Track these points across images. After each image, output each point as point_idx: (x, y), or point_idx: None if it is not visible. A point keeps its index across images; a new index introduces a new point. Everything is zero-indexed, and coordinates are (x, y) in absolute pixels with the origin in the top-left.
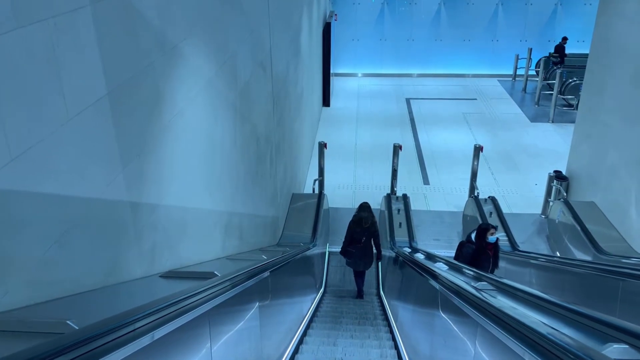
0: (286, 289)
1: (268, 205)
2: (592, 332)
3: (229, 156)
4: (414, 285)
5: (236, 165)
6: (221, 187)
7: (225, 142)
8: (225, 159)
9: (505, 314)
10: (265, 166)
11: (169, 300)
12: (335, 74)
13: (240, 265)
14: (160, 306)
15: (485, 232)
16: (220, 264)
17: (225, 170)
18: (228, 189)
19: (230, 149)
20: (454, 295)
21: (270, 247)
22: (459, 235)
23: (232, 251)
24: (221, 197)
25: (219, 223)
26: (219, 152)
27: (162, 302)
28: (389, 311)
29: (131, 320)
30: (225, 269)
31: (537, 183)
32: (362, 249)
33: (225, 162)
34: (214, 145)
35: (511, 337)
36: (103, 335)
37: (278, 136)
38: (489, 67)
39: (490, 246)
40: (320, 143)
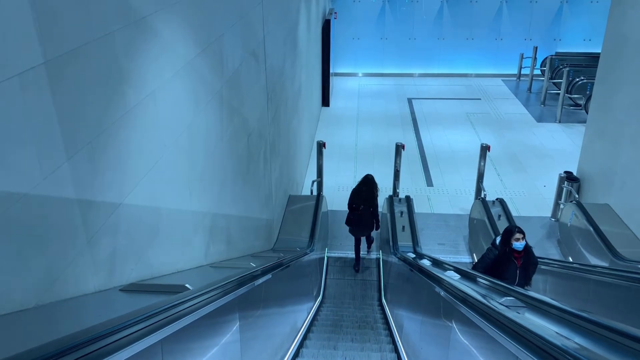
0: (278, 299)
1: (261, 207)
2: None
3: (214, 151)
4: (421, 295)
5: (223, 161)
6: (204, 185)
7: (209, 135)
8: (210, 153)
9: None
10: (258, 164)
11: (107, 328)
12: (335, 74)
13: (223, 274)
14: (87, 338)
15: (509, 235)
16: (199, 273)
17: (209, 166)
18: (213, 188)
19: (216, 143)
20: (474, 313)
21: (264, 252)
22: (464, 239)
23: (217, 258)
24: (204, 196)
25: (201, 226)
26: (201, 145)
27: (100, 328)
28: (392, 322)
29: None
30: (204, 279)
31: (546, 185)
32: (359, 217)
33: (210, 157)
34: (195, 137)
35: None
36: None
37: (273, 133)
38: (493, 67)
39: (518, 254)
40: (319, 142)
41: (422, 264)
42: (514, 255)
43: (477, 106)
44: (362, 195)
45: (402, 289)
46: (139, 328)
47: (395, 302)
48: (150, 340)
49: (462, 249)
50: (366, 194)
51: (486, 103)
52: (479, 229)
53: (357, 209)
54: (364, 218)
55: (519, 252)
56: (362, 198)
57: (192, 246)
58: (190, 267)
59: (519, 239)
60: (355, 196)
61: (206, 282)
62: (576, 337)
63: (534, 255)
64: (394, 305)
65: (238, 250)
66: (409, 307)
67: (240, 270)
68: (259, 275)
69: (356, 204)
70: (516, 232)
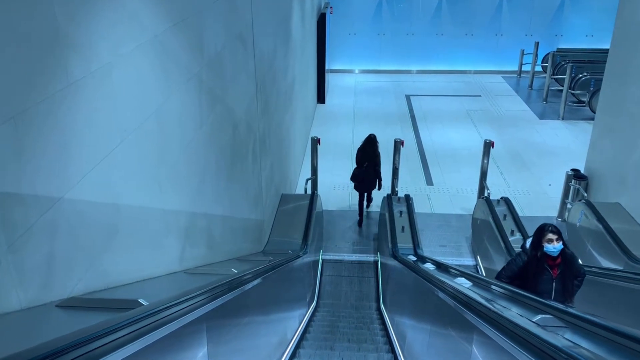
0: (264, 306)
1: (250, 206)
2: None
3: (191, 141)
4: (425, 303)
5: (203, 153)
6: (179, 179)
7: (185, 122)
8: (186, 143)
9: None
10: (245, 160)
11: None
12: (330, 70)
13: (199, 281)
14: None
15: (540, 235)
16: (168, 282)
17: (185, 158)
18: (190, 183)
19: (194, 132)
20: (500, 334)
21: (252, 255)
22: (467, 240)
23: (196, 262)
24: (179, 192)
25: (174, 226)
26: (174, 134)
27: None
28: (392, 331)
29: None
30: (173, 289)
31: (551, 183)
32: (363, 172)
33: (186, 148)
34: (166, 123)
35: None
36: None
37: (263, 127)
38: (493, 63)
39: (552, 261)
40: (313, 138)
41: (425, 268)
42: (548, 262)
43: (477, 103)
44: (366, 153)
45: (402, 295)
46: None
47: (395, 310)
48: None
49: (465, 251)
50: (370, 153)
51: (486, 100)
52: (483, 230)
53: (361, 166)
54: (367, 175)
55: (553, 258)
56: (366, 156)
57: (163, 249)
58: (160, 274)
59: (552, 241)
60: (360, 154)
61: (174, 292)
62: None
63: (578, 263)
64: (393, 312)
65: (222, 254)
66: (411, 316)
67: (218, 278)
68: (238, 285)
69: (361, 160)
70: (548, 232)
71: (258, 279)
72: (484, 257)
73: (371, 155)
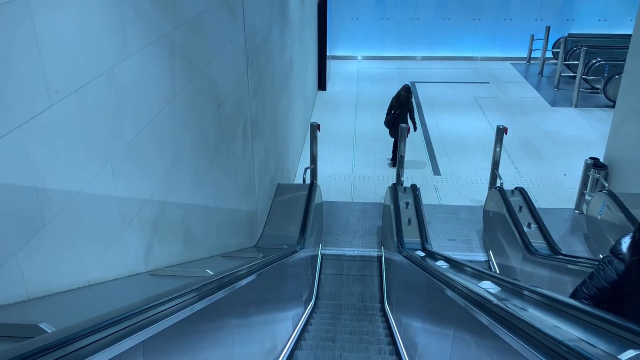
0: (250, 310)
1: (239, 196)
2: None
3: (159, 115)
4: (435, 304)
5: (178, 132)
6: (141, 161)
7: (150, 91)
8: (151, 117)
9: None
10: (233, 143)
11: None
12: (332, 57)
13: (165, 286)
14: None
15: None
16: (116, 290)
17: (149, 135)
18: (159, 166)
19: (163, 105)
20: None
21: (241, 251)
22: (478, 234)
23: (169, 261)
24: (142, 177)
25: (136, 218)
26: (135, 104)
27: None
28: (397, 333)
29: None
30: (118, 300)
31: (566, 173)
32: (394, 118)
33: (152, 124)
34: (121, 89)
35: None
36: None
37: (256, 108)
38: (501, 49)
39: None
40: (313, 124)
41: (437, 267)
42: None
43: (485, 90)
44: (401, 100)
45: (410, 296)
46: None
47: (401, 311)
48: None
49: (476, 245)
50: (405, 99)
51: (495, 87)
52: (497, 223)
53: (394, 111)
54: (398, 121)
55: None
56: (400, 102)
57: (120, 246)
58: (114, 277)
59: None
60: (395, 100)
61: (113, 307)
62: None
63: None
64: (399, 314)
65: (204, 250)
66: (422, 321)
67: (193, 280)
68: (209, 293)
69: (394, 108)
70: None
71: (241, 281)
72: (497, 252)
73: (405, 102)
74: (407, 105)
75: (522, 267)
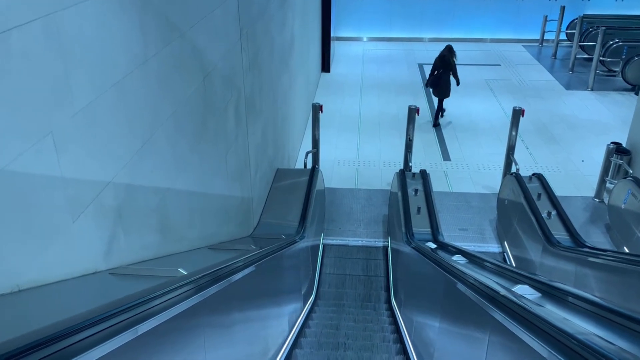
0: (237, 311)
1: (231, 180)
2: None
3: (125, 80)
4: (453, 304)
5: (151, 102)
6: (98, 134)
7: (111, 49)
8: (113, 82)
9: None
10: (224, 120)
11: None
12: (337, 38)
13: (115, 292)
14: None
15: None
16: (49, 295)
17: (111, 103)
18: (123, 142)
19: (130, 66)
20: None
21: (233, 242)
22: (491, 223)
23: (137, 255)
24: (100, 154)
25: (90, 204)
26: (85, 61)
27: None
28: (405, 331)
29: None
30: (33, 317)
31: (585, 159)
32: (438, 79)
33: (114, 89)
34: (66, 42)
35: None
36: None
37: (251, 84)
38: (512, 31)
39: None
40: (315, 105)
41: (453, 262)
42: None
43: (496, 72)
44: (445, 60)
45: (420, 291)
46: None
47: (410, 308)
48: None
49: (489, 236)
50: (448, 59)
51: (507, 69)
52: (513, 211)
53: (437, 71)
54: (442, 81)
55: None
56: (444, 62)
57: (68, 239)
58: (61, 278)
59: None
60: (439, 60)
61: (33, 322)
62: None
63: None
64: (408, 311)
65: (186, 241)
66: (433, 320)
67: (162, 282)
68: (171, 303)
69: (437, 68)
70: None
71: (222, 281)
72: (513, 243)
73: (448, 62)
74: (450, 65)
75: (542, 260)
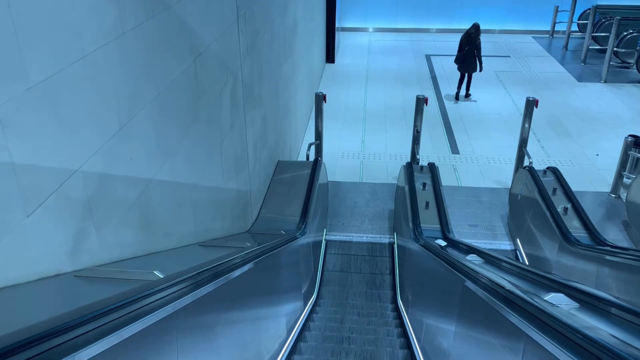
0: (232, 311)
1: (228, 172)
2: None
3: (95, 52)
4: (469, 310)
5: (131, 80)
6: (61, 115)
7: (79, 19)
8: (80, 53)
9: None
10: (219, 107)
11: None
12: (342, 28)
13: (76, 299)
14: None
15: None
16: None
17: (78, 79)
18: (95, 125)
19: (103, 38)
20: None
21: (225, 239)
22: (502, 219)
23: (112, 254)
24: (62, 138)
25: (50, 195)
26: (40, 28)
27: None
28: (412, 333)
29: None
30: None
31: (599, 153)
32: (464, 56)
33: (81, 63)
34: (11, 4)
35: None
36: None
37: (249, 70)
38: (522, 22)
39: None
40: (318, 94)
41: (468, 263)
42: None
43: (506, 64)
44: (471, 37)
45: (430, 292)
46: None
47: (417, 310)
48: None
49: (501, 232)
50: (474, 37)
51: (517, 61)
52: (526, 207)
53: (464, 49)
54: (468, 57)
55: None
56: (470, 39)
57: (21, 236)
58: (12, 283)
59: None
60: (465, 38)
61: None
62: None
63: None
64: (417, 313)
65: (173, 238)
66: (444, 323)
67: (133, 287)
68: (137, 315)
69: (463, 45)
70: None
71: (203, 287)
72: (527, 240)
73: (474, 40)
74: (476, 42)
75: (558, 259)
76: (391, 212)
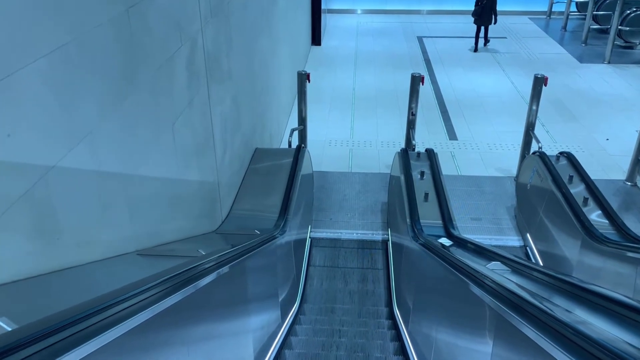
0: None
1: (185, 160)
2: None
3: None
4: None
5: (12, 23)
6: None
7: None
8: None
9: None
10: (169, 76)
11: None
12: (328, 10)
13: None
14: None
15: None
16: None
17: None
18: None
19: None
20: None
21: (180, 242)
22: (509, 212)
23: None
24: None
25: None
26: None
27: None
28: (410, 347)
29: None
30: None
31: (609, 138)
32: (482, 9)
33: None
34: None
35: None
36: None
37: (214, 35)
38: (517, 2)
39: None
40: (301, 72)
41: (483, 269)
42: None
43: (503, 45)
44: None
45: (433, 302)
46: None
47: (417, 326)
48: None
49: (507, 226)
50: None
51: (514, 42)
52: (538, 198)
53: (481, 2)
54: (485, 10)
55: None
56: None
57: None
58: None
59: None
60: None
61: None
62: None
63: None
64: (414, 329)
65: (98, 246)
66: (456, 346)
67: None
68: None
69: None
70: None
71: (120, 325)
72: (539, 236)
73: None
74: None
75: (581, 258)
76: (384, 205)
